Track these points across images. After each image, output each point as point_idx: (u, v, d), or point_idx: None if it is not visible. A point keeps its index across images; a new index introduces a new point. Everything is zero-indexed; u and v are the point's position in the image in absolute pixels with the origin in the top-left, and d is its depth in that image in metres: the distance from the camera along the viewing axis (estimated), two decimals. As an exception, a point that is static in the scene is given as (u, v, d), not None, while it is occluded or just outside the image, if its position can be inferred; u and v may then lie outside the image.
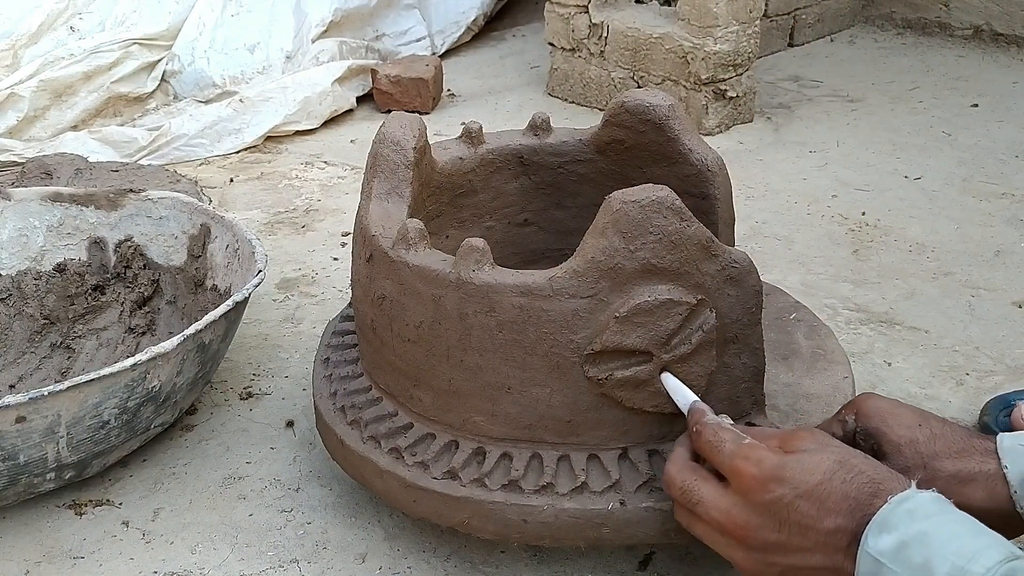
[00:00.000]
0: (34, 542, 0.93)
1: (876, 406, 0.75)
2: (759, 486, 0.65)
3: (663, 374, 0.76)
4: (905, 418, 0.74)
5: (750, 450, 0.67)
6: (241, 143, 1.88)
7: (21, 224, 1.21)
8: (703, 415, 0.72)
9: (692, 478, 0.70)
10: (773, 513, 0.65)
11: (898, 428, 0.73)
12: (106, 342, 1.19)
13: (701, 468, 0.71)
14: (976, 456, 0.70)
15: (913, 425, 0.73)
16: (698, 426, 0.72)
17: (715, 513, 0.68)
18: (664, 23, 1.94)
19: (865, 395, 0.78)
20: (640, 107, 0.95)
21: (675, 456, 0.73)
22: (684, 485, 0.70)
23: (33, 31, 1.96)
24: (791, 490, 0.64)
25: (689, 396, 0.75)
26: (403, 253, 0.80)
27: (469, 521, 0.79)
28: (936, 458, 0.71)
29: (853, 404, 0.77)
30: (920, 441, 0.72)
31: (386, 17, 2.31)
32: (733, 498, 0.67)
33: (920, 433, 0.72)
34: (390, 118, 0.92)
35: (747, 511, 0.66)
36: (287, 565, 0.89)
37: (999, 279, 1.35)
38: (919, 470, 0.70)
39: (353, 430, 0.87)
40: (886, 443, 0.73)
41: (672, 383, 0.76)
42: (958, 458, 0.70)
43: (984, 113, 1.96)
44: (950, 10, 2.39)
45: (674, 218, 0.73)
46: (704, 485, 0.69)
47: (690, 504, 0.70)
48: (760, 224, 1.53)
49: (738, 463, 0.67)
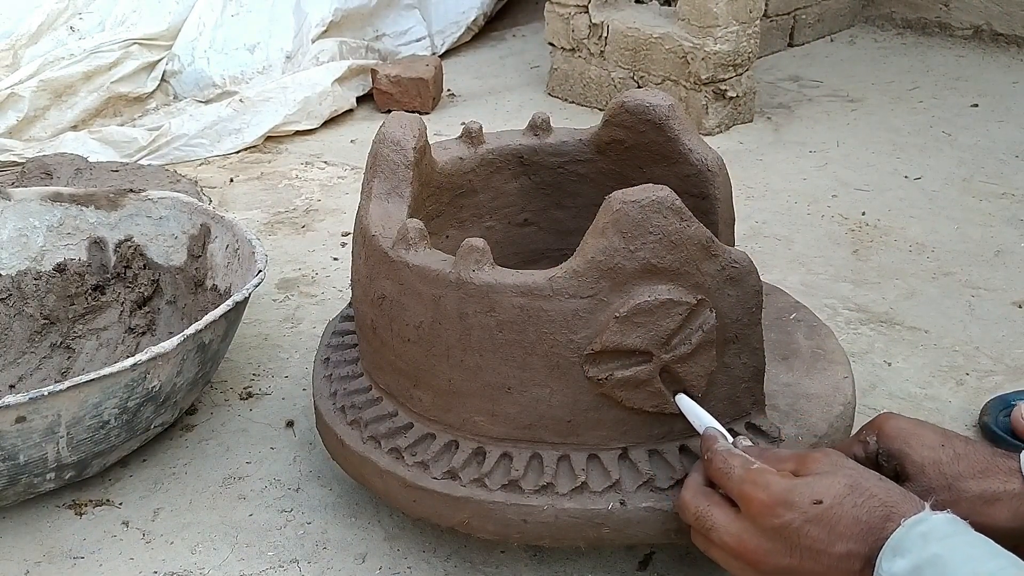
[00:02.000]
0: (34, 542, 0.93)
1: (898, 426, 0.75)
2: (768, 511, 0.65)
3: (678, 396, 0.77)
4: (927, 438, 0.73)
5: (758, 475, 0.67)
6: (241, 143, 1.88)
7: (21, 224, 1.21)
8: (715, 441, 0.73)
9: (705, 504, 0.70)
10: (784, 538, 0.65)
11: (921, 449, 0.73)
12: (106, 342, 1.19)
13: (715, 494, 0.71)
14: (1000, 475, 0.70)
15: (936, 446, 0.73)
16: (709, 453, 0.72)
17: (727, 538, 0.68)
18: (664, 23, 1.94)
19: (886, 415, 0.77)
20: (640, 107, 0.95)
21: (689, 482, 0.73)
22: (698, 511, 0.71)
23: (33, 31, 1.96)
24: (800, 515, 0.64)
25: (704, 420, 0.76)
26: (403, 253, 0.80)
27: (469, 521, 0.79)
28: (960, 479, 0.70)
29: (874, 424, 0.77)
30: (943, 462, 0.72)
31: (386, 17, 2.31)
32: (744, 523, 0.67)
33: (943, 453, 0.72)
34: (390, 118, 0.92)
35: (758, 536, 0.66)
36: (287, 565, 0.89)
37: (999, 279, 1.35)
38: (943, 491, 0.70)
39: (353, 430, 0.87)
40: (909, 464, 0.73)
41: (687, 404, 0.77)
42: (982, 478, 0.70)
43: (984, 113, 1.96)
44: (950, 10, 2.39)
45: (674, 218, 0.73)
46: (717, 511, 0.69)
47: (703, 530, 0.70)
48: (760, 224, 1.53)
49: (747, 488, 0.67)
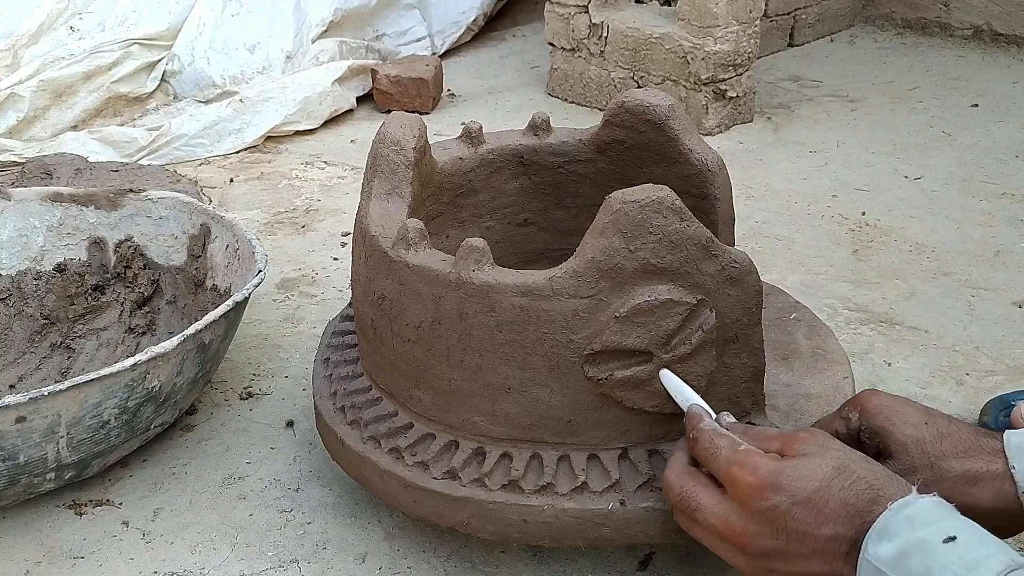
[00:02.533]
0: (34, 542, 0.93)
1: (880, 403, 0.75)
2: (755, 494, 0.65)
3: (662, 371, 0.76)
4: (911, 416, 0.73)
5: (746, 457, 0.66)
6: (241, 143, 1.88)
7: (21, 224, 1.21)
8: (700, 420, 0.72)
9: (690, 484, 0.70)
10: (770, 520, 0.64)
11: (904, 427, 0.72)
12: (106, 342, 1.19)
13: (699, 473, 0.70)
14: (983, 455, 0.69)
15: (919, 423, 0.72)
16: (695, 432, 0.71)
17: (713, 520, 0.67)
18: (664, 23, 1.94)
19: (869, 391, 0.77)
20: (640, 107, 0.95)
21: (673, 461, 0.72)
22: (682, 491, 0.70)
23: (33, 31, 1.96)
24: (787, 498, 0.64)
25: (688, 396, 0.75)
26: (403, 253, 0.80)
27: (469, 521, 0.79)
28: (943, 458, 0.70)
29: (856, 400, 0.76)
30: (927, 440, 0.71)
31: (386, 17, 2.31)
32: (730, 505, 0.67)
33: (927, 432, 0.71)
34: (390, 118, 0.92)
35: (745, 518, 0.66)
36: (287, 565, 0.89)
37: (999, 279, 1.35)
38: (926, 470, 0.70)
39: (353, 430, 0.87)
40: (892, 442, 0.72)
41: (672, 381, 0.76)
42: (965, 457, 0.70)
43: (984, 113, 1.96)
44: (950, 10, 2.39)
45: (674, 218, 0.73)
46: (702, 491, 0.69)
47: (688, 510, 0.69)
48: (760, 224, 1.53)
49: (734, 471, 0.66)
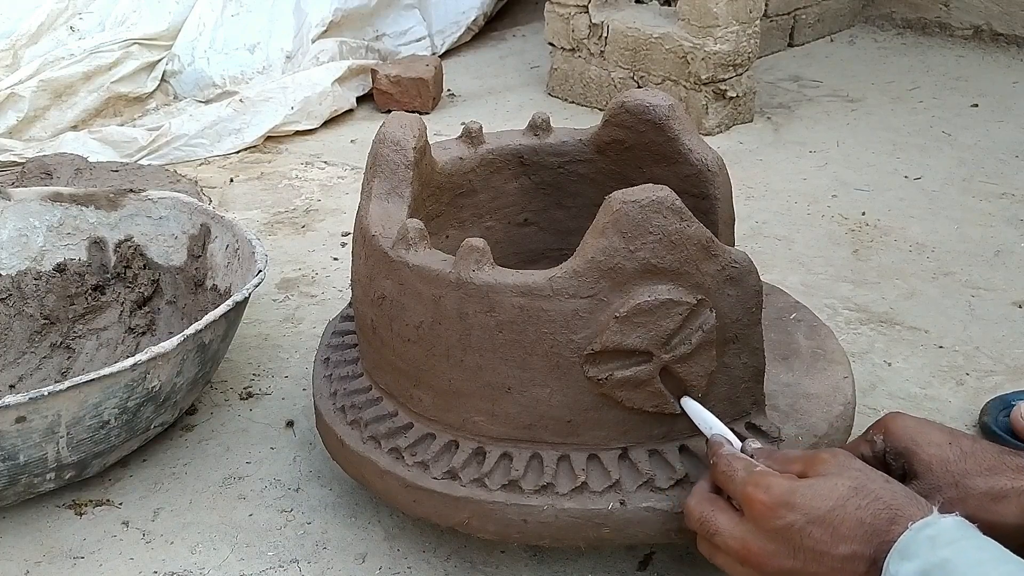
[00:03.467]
0: (34, 542, 0.93)
1: (904, 425, 0.75)
2: (769, 512, 0.65)
3: (684, 399, 0.77)
4: (935, 436, 0.74)
5: (760, 477, 0.68)
6: (241, 143, 1.88)
7: (21, 224, 1.21)
8: (720, 447, 0.73)
9: (709, 509, 0.71)
10: (786, 539, 0.65)
11: (928, 447, 0.73)
12: (106, 342, 1.19)
13: (719, 499, 0.71)
14: (1007, 473, 0.70)
15: (943, 443, 0.73)
16: (715, 458, 0.72)
17: (732, 542, 0.68)
18: (664, 23, 1.94)
19: (893, 415, 0.78)
20: (640, 107, 0.95)
21: (696, 489, 0.74)
22: (702, 516, 0.71)
23: (33, 31, 1.96)
24: (802, 516, 0.64)
25: (711, 424, 0.76)
26: (403, 253, 0.80)
27: (469, 521, 0.79)
28: (967, 476, 0.71)
29: (881, 423, 0.77)
30: (951, 459, 0.72)
31: (386, 17, 2.31)
32: (747, 526, 0.67)
33: (950, 451, 0.72)
34: (390, 118, 0.92)
35: (761, 538, 0.66)
36: (287, 565, 0.89)
37: (999, 279, 1.35)
38: (951, 488, 0.70)
39: (353, 430, 0.87)
40: (917, 462, 0.73)
41: (694, 408, 0.77)
42: (989, 475, 0.70)
43: (984, 113, 1.96)
44: (950, 10, 2.39)
45: (674, 218, 0.73)
46: (720, 515, 0.70)
47: (708, 535, 0.70)
48: (760, 224, 1.53)
49: (749, 491, 0.67)
